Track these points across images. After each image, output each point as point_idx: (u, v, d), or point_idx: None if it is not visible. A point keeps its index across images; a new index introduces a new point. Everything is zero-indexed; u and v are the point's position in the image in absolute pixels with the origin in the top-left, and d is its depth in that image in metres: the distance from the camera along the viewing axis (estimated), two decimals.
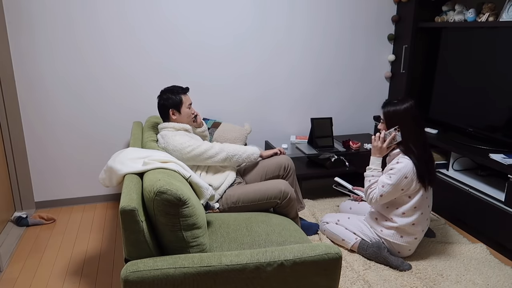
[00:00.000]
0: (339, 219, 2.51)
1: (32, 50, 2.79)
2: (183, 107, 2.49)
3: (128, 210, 1.46)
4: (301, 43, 3.38)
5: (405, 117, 2.19)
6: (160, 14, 2.97)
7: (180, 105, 2.48)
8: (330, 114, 3.63)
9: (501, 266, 2.32)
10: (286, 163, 2.60)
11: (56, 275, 2.28)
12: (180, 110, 2.49)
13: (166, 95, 2.48)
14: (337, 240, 2.48)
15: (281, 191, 2.29)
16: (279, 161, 2.60)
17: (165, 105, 2.49)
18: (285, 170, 2.59)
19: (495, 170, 2.71)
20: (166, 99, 2.47)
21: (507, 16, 2.66)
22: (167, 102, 2.47)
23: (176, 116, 2.49)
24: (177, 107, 2.48)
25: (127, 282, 1.42)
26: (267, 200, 2.31)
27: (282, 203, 2.31)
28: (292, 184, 2.63)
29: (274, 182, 2.36)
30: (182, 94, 2.50)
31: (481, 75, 2.84)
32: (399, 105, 2.21)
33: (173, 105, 2.47)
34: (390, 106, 2.24)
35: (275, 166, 2.59)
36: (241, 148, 2.49)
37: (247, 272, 1.49)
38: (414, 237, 2.27)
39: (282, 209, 2.34)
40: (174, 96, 2.48)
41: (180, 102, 2.48)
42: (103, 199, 3.23)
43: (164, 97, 2.49)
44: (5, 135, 2.86)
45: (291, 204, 2.34)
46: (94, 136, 3.07)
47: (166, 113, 2.50)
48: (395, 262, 2.27)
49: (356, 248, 2.40)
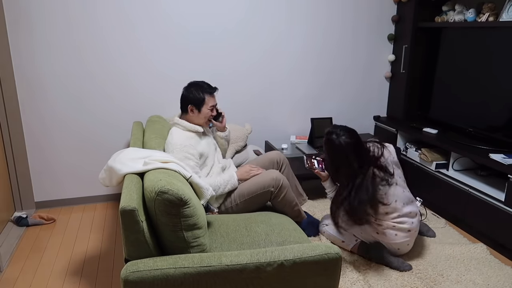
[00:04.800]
0: None
1: (32, 50, 2.79)
2: (204, 107, 2.37)
3: (128, 210, 1.46)
4: (301, 43, 3.37)
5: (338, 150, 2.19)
6: (159, 14, 2.97)
7: (202, 104, 2.36)
8: (330, 114, 3.63)
9: (501, 266, 2.32)
10: (277, 158, 2.64)
11: (56, 275, 2.28)
12: (200, 109, 2.37)
13: (191, 89, 2.36)
14: (336, 242, 2.47)
15: (273, 179, 2.31)
16: (270, 158, 2.64)
17: (186, 98, 2.37)
18: (278, 165, 2.63)
19: (495, 170, 2.71)
20: (190, 93, 2.35)
21: (507, 16, 2.66)
22: (189, 96, 2.35)
23: (194, 113, 2.37)
24: (197, 105, 2.36)
25: (127, 282, 1.42)
26: (262, 190, 2.32)
27: (277, 192, 2.32)
28: (289, 177, 2.64)
29: (265, 172, 2.39)
30: (208, 94, 2.37)
31: (481, 75, 2.84)
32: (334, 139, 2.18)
33: (194, 101, 2.35)
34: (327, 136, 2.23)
35: (267, 163, 2.63)
36: (222, 182, 2.35)
37: (247, 272, 1.50)
38: (407, 230, 2.27)
39: (278, 199, 2.35)
40: (198, 94, 2.35)
41: (202, 101, 2.36)
42: (103, 199, 3.23)
43: (188, 90, 2.37)
44: (5, 135, 2.86)
45: (285, 192, 2.34)
46: (94, 136, 3.07)
47: (185, 107, 2.38)
48: (396, 262, 2.27)
49: (356, 250, 2.40)
